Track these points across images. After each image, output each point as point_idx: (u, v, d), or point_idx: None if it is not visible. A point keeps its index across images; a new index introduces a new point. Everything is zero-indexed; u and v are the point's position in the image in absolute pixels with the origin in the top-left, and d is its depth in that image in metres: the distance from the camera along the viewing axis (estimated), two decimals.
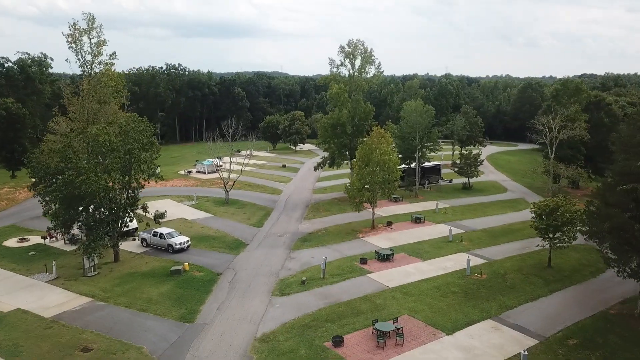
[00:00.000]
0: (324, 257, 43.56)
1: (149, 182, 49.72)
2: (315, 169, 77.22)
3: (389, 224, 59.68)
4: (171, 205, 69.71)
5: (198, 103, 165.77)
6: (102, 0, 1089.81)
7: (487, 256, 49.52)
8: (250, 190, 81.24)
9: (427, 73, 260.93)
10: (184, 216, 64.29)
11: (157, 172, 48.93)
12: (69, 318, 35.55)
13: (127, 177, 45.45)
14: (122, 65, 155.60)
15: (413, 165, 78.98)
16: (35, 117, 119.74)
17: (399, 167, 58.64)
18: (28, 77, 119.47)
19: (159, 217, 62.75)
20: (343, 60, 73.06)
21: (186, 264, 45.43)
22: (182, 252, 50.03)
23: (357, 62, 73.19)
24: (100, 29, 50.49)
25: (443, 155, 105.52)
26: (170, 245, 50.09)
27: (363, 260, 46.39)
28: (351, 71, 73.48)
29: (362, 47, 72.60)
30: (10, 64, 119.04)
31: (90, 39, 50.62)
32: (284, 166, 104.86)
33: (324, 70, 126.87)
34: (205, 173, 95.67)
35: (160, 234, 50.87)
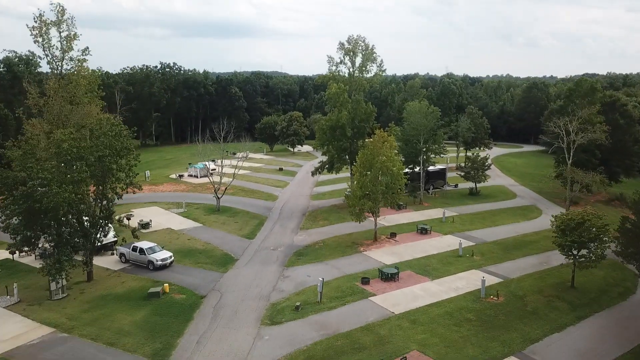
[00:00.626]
0: (320, 279, 38.31)
1: (127, 192, 44.53)
2: (313, 174, 71.94)
3: (393, 235, 54.51)
4: (158, 214, 64.59)
5: (193, 103, 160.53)
6: (102, 0, 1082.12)
7: (502, 274, 44.37)
8: (244, 196, 76.05)
9: (428, 73, 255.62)
10: (170, 226, 59.12)
11: (135, 181, 43.73)
12: (22, 356, 30.37)
13: (100, 187, 40.31)
14: (122, 65, 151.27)
15: (417, 169, 73.88)
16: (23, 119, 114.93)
17: (403, 171, 53.35)
18: (15, 77, 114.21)
19: (144, 227, 58.01)
20: (343, 58, 67.87)
21: (166, 284, 40.22)
22: (164, 269, 44.87)
23: (358, 60, 68.00)
24: (72, 22, 45.32)
25: (449, 157, 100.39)
26: (150, 262, 44.89)
27: (365, 280, 41.20)
28: (351, 69, 68.30)
29: (362, 44, 67.42)
30: None
31: (59, 33, 45.38)
32: (280, 169, 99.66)
33: (324, 70, 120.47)
34: (197, 177, 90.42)
35: (140, 249, 45.64)
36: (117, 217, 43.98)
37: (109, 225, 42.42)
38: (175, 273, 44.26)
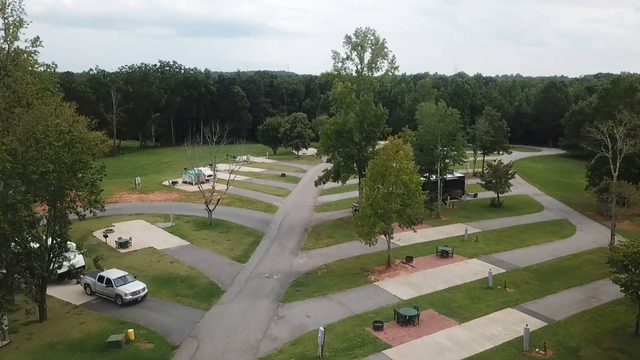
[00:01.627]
0: (321, 329, 30.07)
1: (93, 213, 36.48)
2: (317, 184, 63.54)
3: (409, 259, 46.28)
4: (142, 228, 56.79)
5: (194, 103, 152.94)
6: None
7: (544, 314, 36.06)
8: (240, 207, 68.09)
9: (436, 72, 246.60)
10: (153, 244, 51.24)
11: (100, 198, 35.79)
12: None
13: (52, 207, 32.45)
14: (125, 64, 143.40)
15: (433, 177, 65.63)
16: None
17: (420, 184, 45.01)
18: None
19: (122, 245, 50.21)
20: (349, 54, 59.58)
21: (131, 330, 32.21)
22: (134, 305, 36.97)
23: (367, 56, 59.67)
24: (20, 6, 37.43)
25: (468, 163, 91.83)
26: (119, 296, 37.00)
27: (377, 325, 33.02)
28: (359, 66, 59.99)
29: (372, 37, 59.13)
30: None
31: (4, 18, 37.54)
32: (283, 175, 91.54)
33: (330, 68, 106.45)
34: (192, 184, 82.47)
35: (107, 279, 37.73)
36: (74, 246, 35.98)
37: (66, 252, 34.43)
38: (147, 310, 36.32)
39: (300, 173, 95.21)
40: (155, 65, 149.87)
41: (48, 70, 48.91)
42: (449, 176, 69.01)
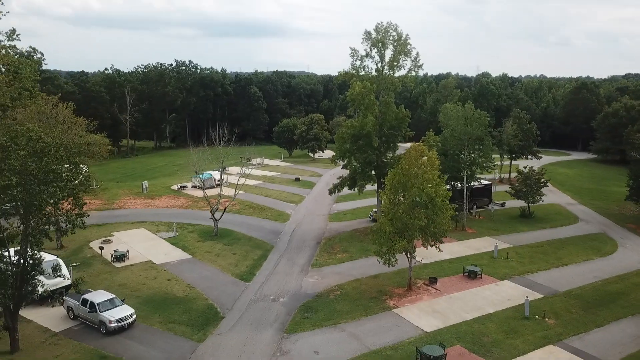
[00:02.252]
0: None
1: (72, 230, 32.03)
2: (331, 192, 58.32)
3: (433, 281, 40.96)
4: (143, 239, 52.60)
5: (210, 103, 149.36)
6: (133, 1, 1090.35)
7: (594, 354, 30.41)
8: (250, 215, 63.55)
9: (457, 73, 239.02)
10: (152, 258, 46.88)
11: (83, 213, 31.37)
12: None
13: (24, 226, 28.09)
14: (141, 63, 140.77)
15: (458, 185, 60.02)
16: None
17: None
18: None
19: (118, 259, 45.91)
20: (369, 50, 54.45)
21: None
22: (120, 333, 32.46)
23: (388, 53, 54.49)
24: None
25: (499, 168, 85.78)
26: (102, 323, 32.53)
27: None
28: (380, 65, 54.82)
29: (394, 33, 53.88)
30: None
31: None
32: (297, 180, 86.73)
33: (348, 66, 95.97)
34: (202, 189, 78.06)
35: (91, 303, 33.28)
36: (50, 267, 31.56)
37: (40, 274, 30.01)
38: (133, 341, 31.75)
39: (315, 177, 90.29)
40: (171, 64, 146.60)
41: (29, 60, 44.57)
42: (474, 184, 63.29)
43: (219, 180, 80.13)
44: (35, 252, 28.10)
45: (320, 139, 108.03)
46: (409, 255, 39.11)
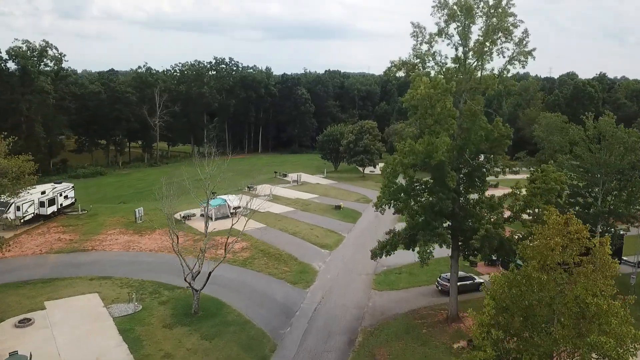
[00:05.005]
0: None
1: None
2: (375, 255, 36.11)
3: None
4: (80, 320, 33.50)
5: (252, 106, 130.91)
6: (203, 3, 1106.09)
7: None
8: (260, 270, 43.30)
9: (537, 74, 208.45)
10: None
11: None
12: None
13: None
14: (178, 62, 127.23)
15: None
16: (36, 123, 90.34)
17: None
18: (25, 72, 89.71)
19: None
20: (443, 27, 32.40)
21: None
22: None
23: (475, 32, 32.26)
24: None
25: None
26: None
27: None
28: (461, 50, 32.57)
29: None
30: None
31: None
32: (338, 208, 65.35)
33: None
34: (212, 219, 58.55)
35: None
36: None
37: None
38: None
39: (362, 204, 68.65)
40: (211, 62, 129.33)
41: None
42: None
43: (234, 209, 60.70)
44: None
45: (371, 152, 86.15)
46: None
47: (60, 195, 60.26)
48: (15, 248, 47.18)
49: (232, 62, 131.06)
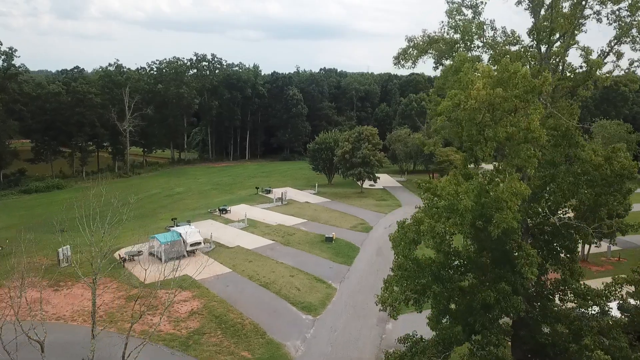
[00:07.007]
0: None
1: None
2: None
3: None
4: None
5: (238, 108, 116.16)
6: (201, 3, 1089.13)
7: None
8: (196, 357, 28.58)
9: None
10: None
11: None
12: None
13: None
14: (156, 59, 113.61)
15: None
16: None
17: None
18: None
19: None
20: None
21: None
22: None
23: None
24: None
25: None
26: None
27: None
28: (535, 28, 17.81)
29: None
30: None
31: None
32: (329, 240, 50.37)
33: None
34: (161, 261, 43.52)
35: None
36: None
37: None
38: None
39: (360, 234, 53.82)
40: (191, 59, 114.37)
41: None
42: None
43: (194, 243, 45.92)
44: None
45: (371, 164, 71.25)
46: None
47: None
48: None
49: (215, 59, 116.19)
